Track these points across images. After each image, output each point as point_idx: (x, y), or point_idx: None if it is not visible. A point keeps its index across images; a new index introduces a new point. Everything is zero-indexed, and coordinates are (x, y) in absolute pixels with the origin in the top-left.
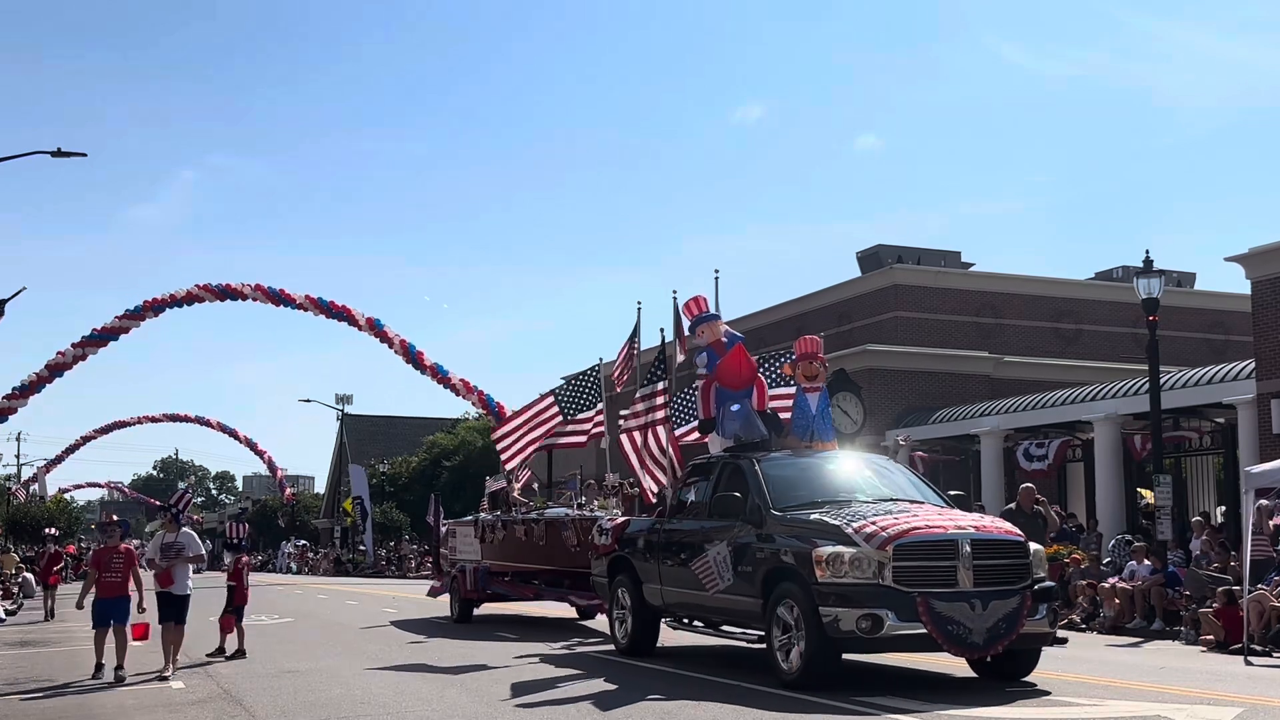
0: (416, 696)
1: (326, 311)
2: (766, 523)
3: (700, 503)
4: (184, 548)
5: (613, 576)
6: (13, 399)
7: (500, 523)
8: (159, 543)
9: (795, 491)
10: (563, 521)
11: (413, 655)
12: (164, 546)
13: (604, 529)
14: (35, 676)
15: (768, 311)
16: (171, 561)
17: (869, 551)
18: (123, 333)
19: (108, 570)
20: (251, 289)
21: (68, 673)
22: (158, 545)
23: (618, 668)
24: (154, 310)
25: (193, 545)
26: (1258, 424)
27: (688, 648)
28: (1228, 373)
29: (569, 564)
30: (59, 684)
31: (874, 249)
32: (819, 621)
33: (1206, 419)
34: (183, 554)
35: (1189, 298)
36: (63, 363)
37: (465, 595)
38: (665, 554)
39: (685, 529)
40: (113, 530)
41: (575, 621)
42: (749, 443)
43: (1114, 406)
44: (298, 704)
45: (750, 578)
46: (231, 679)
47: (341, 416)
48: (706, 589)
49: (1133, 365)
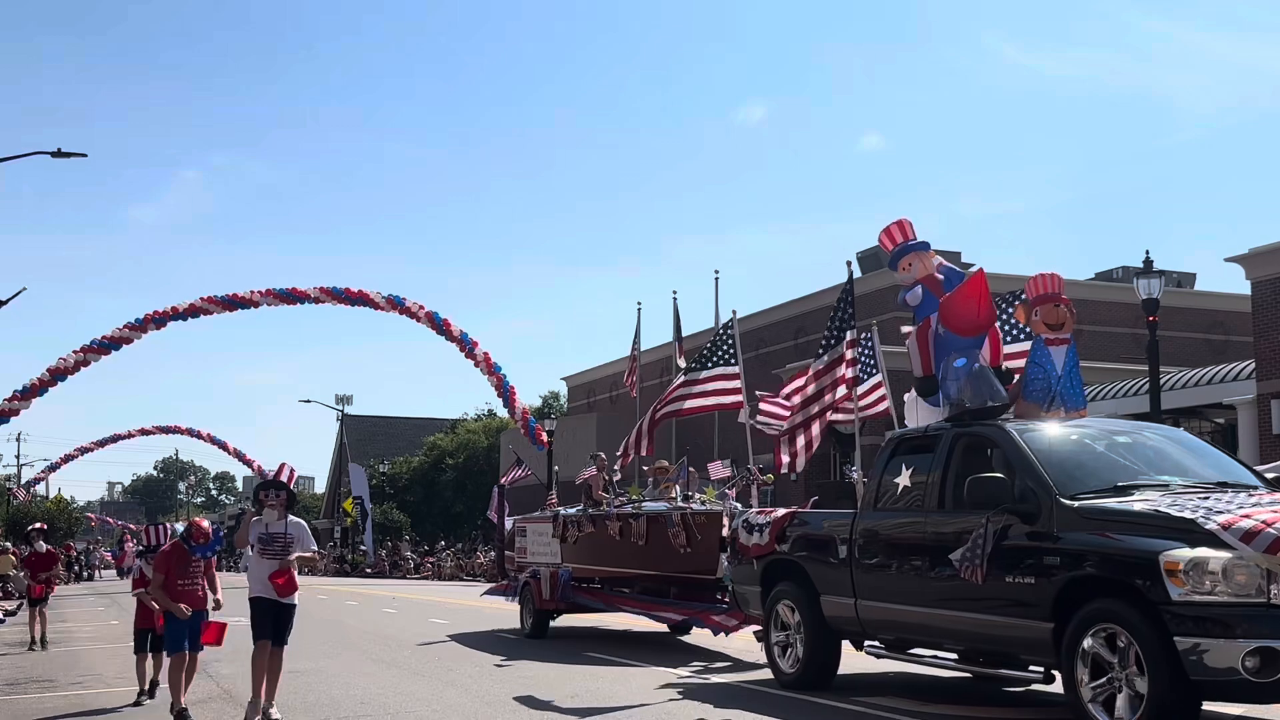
0: (416, 697)
1: (342, 300)
2: (1047, 515)
3: (918, 488)
4: (295, 540)
5: (769, 586)
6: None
7: (588, 518)
8: (256, 530)
9: (1084, 472)
10: (670, 516)
11: (503, 682)
12: (266, 537)
13: (755, 524)
14: (35, 677)
15: (768, 312)
16: (278, 558)
17: (1251, 556)
18: (126, 343)
19: (183, 576)
20: (261, 294)
21: (68, 673)
22: (255, 534)
23: (796, 708)
24: (156, 322)
25: (305, 537)
26: (1258, 424)
27: (873, 676)
28: (1228, 373)
29: (677, 569)
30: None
31: (874, 249)
32: (1172, 657)
33: (1206, 419)
34: (292, 549)
35: (1189, 298)
36: (65, 368)
37: (541, 605)
38: (866, 557)
39: (900, 524)
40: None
41: (671, 637)
42: (980, 409)
43: (1114, 406)
44: (297, 704)
45: (1028, 592)
46: (231, 679)
47: (341, 417)
48: (945, 607)
49: (1133, 365)
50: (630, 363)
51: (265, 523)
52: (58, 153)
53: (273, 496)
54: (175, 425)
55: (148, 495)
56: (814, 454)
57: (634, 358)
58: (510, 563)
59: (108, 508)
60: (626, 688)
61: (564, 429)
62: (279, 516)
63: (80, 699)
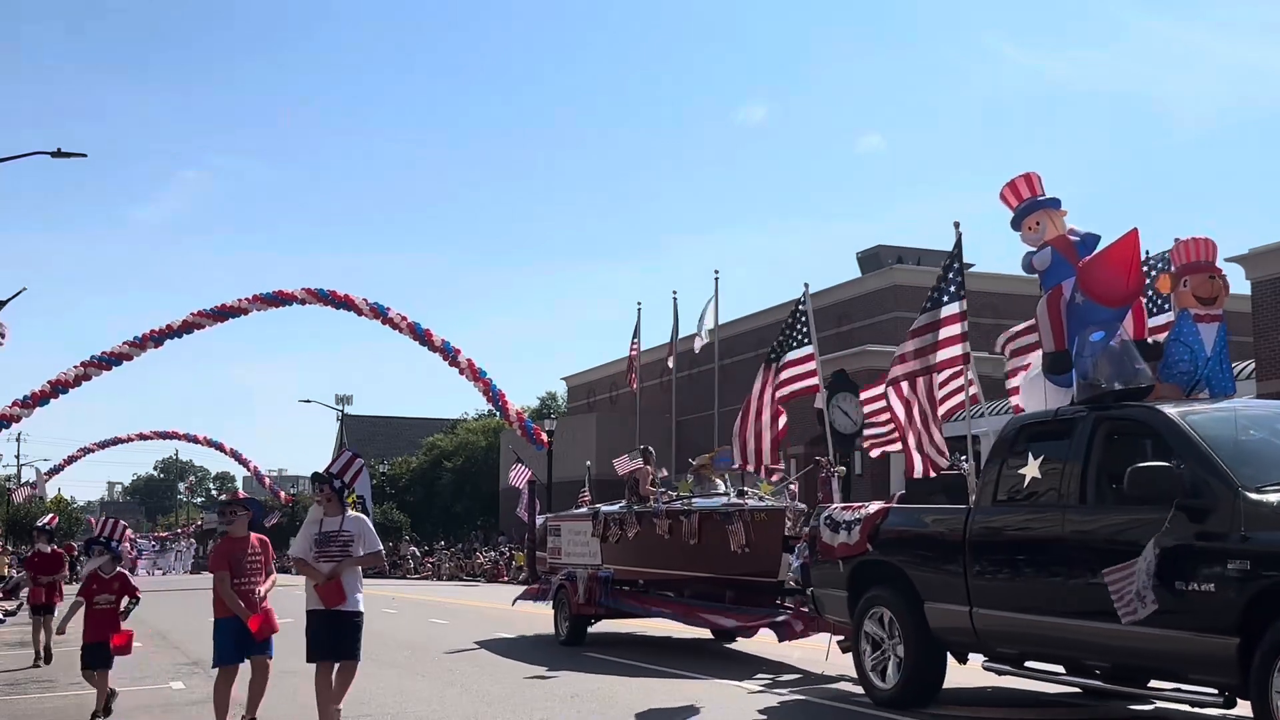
0: (416, 697)
1: (328, 302)
2: (1227, 511)
3: (1050, 480)
4: (354, 539)
5: (858, 591)
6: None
7: (633, 516)
8: (311, 531)
9: (1262, 462)
10: (727, 514)
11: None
12: (322, 537)
13: (842, 522)
14: (35, 677)
15: (768, 312)
16: (337, 561)
17: None
18: (126, 359)
19: (240, 574)
20: (249, 300)
21: (68, 673)
22: (309, 536)
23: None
24: (154, 341)
25: (368, 536)
26: None
27: (972, 691)
28: None
29: (734, 570)
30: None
31: (874, 249)
32: None
33: None
34: (351, 549)
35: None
36: (65, 380)
37: (578, 610)
38: (984, 559)
39: (1029, 521)
40: (235, 514)
41: (715, 644)
42: (1127, 390)
43: None
44: (297, 704)
45: (1204, 601)
46: None
47: (341, 417)
48: (1089, 618)
49: None
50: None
51: (319, 520)
52: (58, 152)
53: (321, 490)
54: (173, 430)
55: (148, 495)
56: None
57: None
58: (541, 564)
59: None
60: (704, 705)
61: (564, 429)
62: (334, 511)
63: (80, 699)
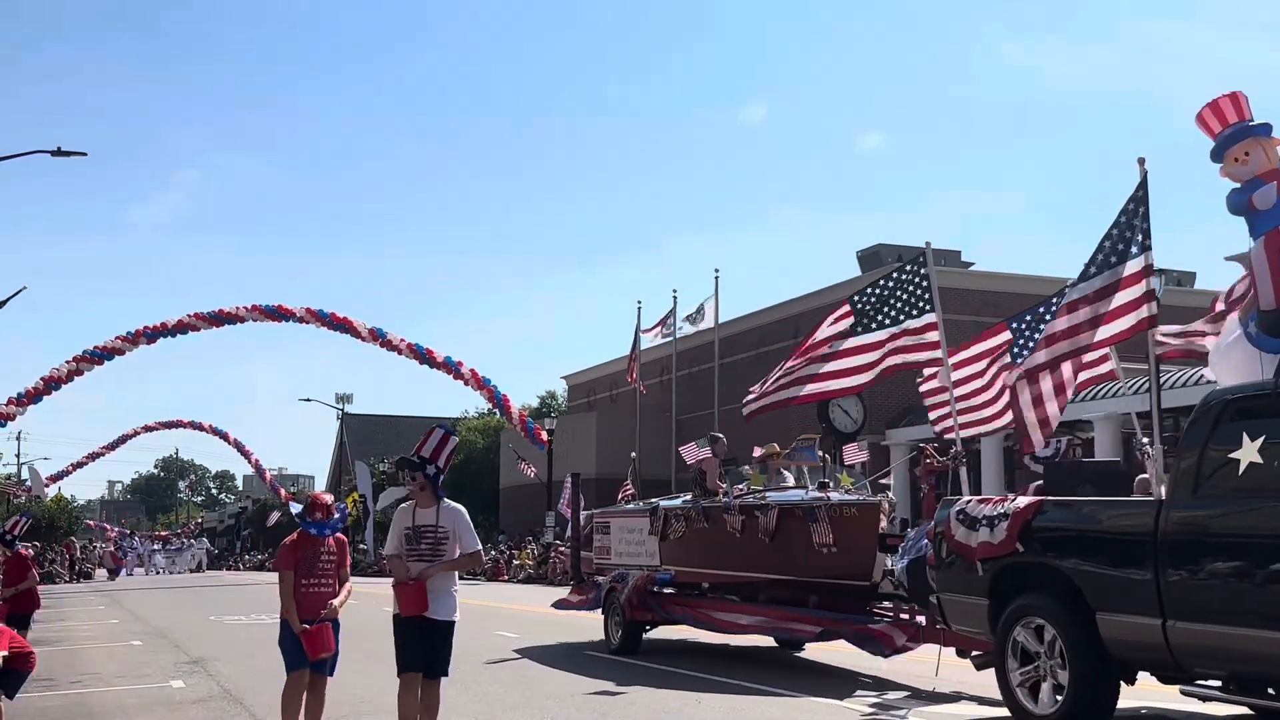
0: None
1: (327, 324)
2: None
3: (1273, 467)
4: (449, 535)
5: (1003, 599)
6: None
7: (700, 511)
8: (402, 523)
9: None
10: (811, 509)
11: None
12: (411, 532)
13: (981, 517)
14: (35, 676)
15: (768, 311)
16: (427, 561)
17: None
18: (118, 353)
19: (309, 575)
20: (248, 310)
21: (68, 673)
22: (399, 532)
23: None
24: (147, 337)
25: (466, 534)
26: None
27: (1130, 711)
28: None
29: (818, 572)
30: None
31: (874, 248)
32: None
33: None
34: (445, 547)
35: (1189, 297)
36: (58, 376)
37: (633, 616)
38: (1184, 562)
39: (1251, 515)
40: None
41: (785, 653)
42: None
43: (1114, 406)
44: None
45: None
46: (231, 679)
47: (342, 416)
48: None
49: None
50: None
51: (410, 512)
52: (58, 152)
53: (414, 479)
54: (178, 419)
55: (148, 494)
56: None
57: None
58: (587, 565)
59: (108, 506)
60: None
61: (564, 428)
62: (427, 503)
63: (80, 698)
